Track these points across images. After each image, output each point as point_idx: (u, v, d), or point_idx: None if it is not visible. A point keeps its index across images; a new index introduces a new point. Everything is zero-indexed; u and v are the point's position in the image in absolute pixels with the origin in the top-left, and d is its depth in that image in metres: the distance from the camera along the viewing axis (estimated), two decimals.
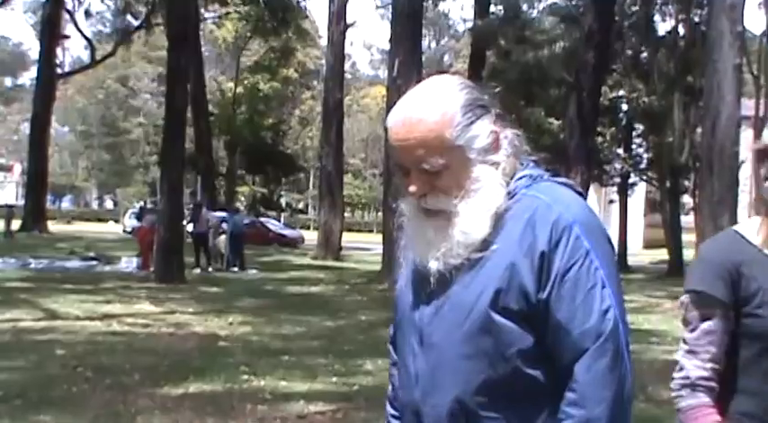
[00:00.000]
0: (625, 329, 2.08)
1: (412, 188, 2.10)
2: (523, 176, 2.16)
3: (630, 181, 41.48)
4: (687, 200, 38.76)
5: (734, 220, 19.32)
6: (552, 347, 2.05)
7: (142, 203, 55.23)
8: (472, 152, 2.10)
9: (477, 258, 2.08)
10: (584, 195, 2.26)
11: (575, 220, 2.08)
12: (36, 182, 45.25)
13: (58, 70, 51.91)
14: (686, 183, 36.46)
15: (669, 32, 35.55)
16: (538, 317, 2.04)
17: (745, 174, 32.26)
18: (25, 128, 73.63)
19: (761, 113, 34.64)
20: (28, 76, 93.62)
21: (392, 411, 2.42)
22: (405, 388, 2.22)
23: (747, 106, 31.92)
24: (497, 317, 2.04)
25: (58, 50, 51.89)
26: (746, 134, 29.92)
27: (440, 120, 2.06)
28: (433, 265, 2.10)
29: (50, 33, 46.60)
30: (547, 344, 2.05)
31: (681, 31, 35.01)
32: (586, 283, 2.05)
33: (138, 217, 44.10)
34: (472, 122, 2.09)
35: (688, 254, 29.73)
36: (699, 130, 26.93)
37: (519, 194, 2.13)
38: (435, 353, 2.11)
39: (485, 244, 2.08)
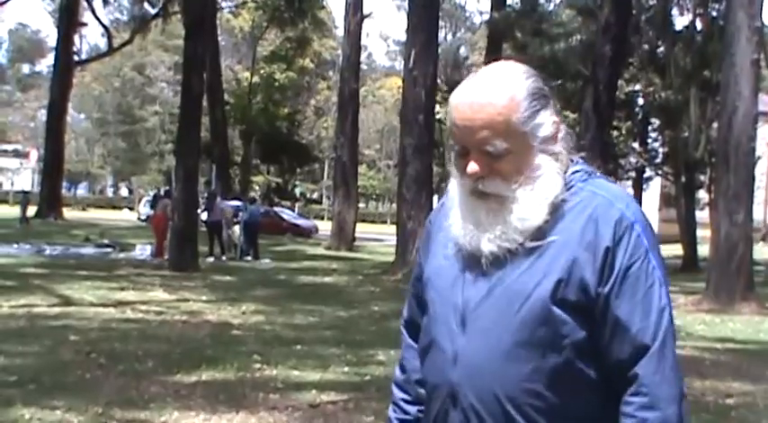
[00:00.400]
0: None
1: (471, 168, 2.09)
2: (578, 171, 2.19)
3: (646, 175, 41.41)
4: (702, 195, 38.60)
5: (749, 216, 19.27)
6: (608, 342, 2.08)
7: (156, 191, 55.20)
8: (535, 140, 2.11)
9: (535, 247, 2.09)
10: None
11: (636, 219, 2.12)
12: (52, 169, 45.43)
13: (75, 58, 52.05)
14: (701, 178, 36.31)
15: (686, 27, 35.36)
16: (594, 311, 2.07)
17: (762, 169, 32.21)
18: (42, 115, 73.95)
19: None
20: (45, 64, 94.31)
21: (402, 395, 2.43)
22: (438, 370, 2.17)
23: (765, 102, 31.78)
24: (555, 307, 2.05)
25: (76, 38, 52.03)
26: (763, 130, 29.81)
27: (508, 104, 2.07)
28: (486, 248, 2.10)
29: (68, 21, 46.75)
30: (600, 338, 2.08)
31: (698, 25, 34.82)
32: (646, 282, 2.09)
33: (153, 205, 44.18)
34: (537, 111, 2.11)
35: (702, 249, 29.64)
36: (715, 125, 26.82)
37: (575, 188, 2.15)
38: (482, 336, 2.09)
39: (541, 233, 2.09)
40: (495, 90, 2.08)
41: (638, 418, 2.03)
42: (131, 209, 68.79)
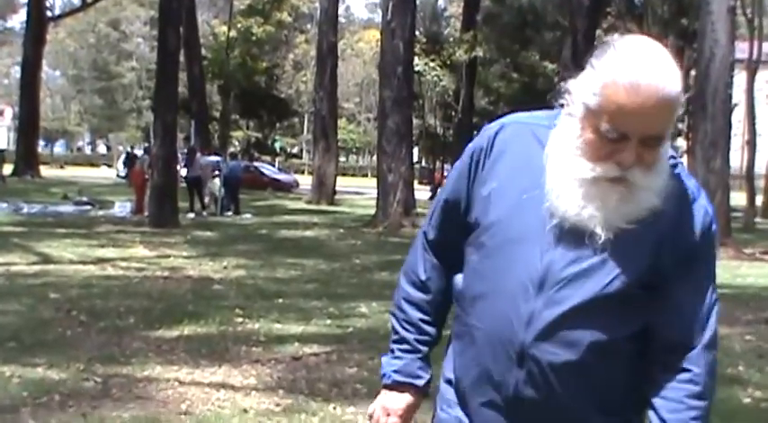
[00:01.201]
0: None
1: (630, 157, 2.01)
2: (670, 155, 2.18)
3: None
4: (681, 143, 38.78)
5: (726, 163, 19.39)
6: (661, 323, 2.16)
7: (129, 149, 54.89)
8: (666, 139, 2.09)
9: (631, 229, 2.09)
10: None
11: (713, 217, 2.19)
12: (27, 126, 45.12)
13: (49, 13, 51.51)
14: (680, 126, 36.44)
15: None
16: (662, 292, 2.14)
17: (738, 117, 32.30)
18: (16, 72, 73.35)
19: (754, 56, 34.48)
20: (17, 20, 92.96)
21: (421, 315, 2.41)
22: (504, 323, 2.15)
23: (741, 49, 31.76)
24: (639, 288, 2.11)
25: None
26: (740, 77, 29.88)
27: (677, 97, 2.01)
28: (601, 231, 2.07)
29: None
30: (660, 320, 2.16)
31: None
32: (709, 275, 2.20)
33: (126, 163, 43.99)
34: None
35: None
36: (692, 72, 26.87)
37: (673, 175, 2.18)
38: (562, 303, 2.10)
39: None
40: (670, 77, 1.99)
41: (687, 406, 2.14)
42: (110, 166, 68.53)
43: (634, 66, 1.98)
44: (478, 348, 2.21)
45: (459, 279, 2.33)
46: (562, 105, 2.13)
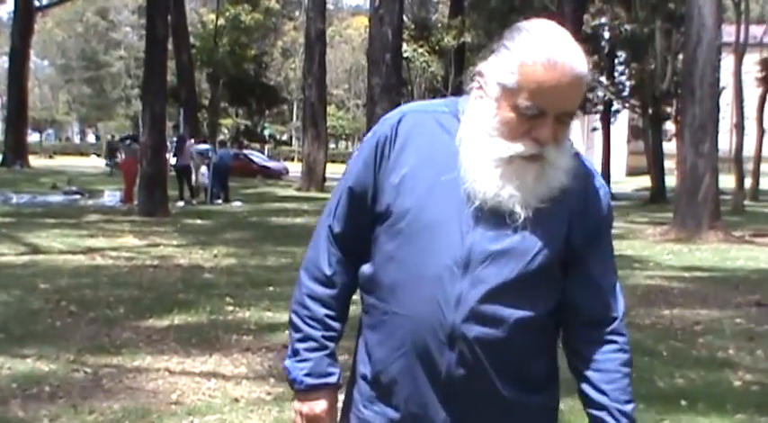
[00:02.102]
0: None
1: (548, 133, 2.08)
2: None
3: (613, 109, 41.52)
4: (670, 126, 38.83)
5: (715, 146, 19.42)
6: (582, 299, 2.26)
7: (109, 138, 54.60)
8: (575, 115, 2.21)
9: (542, 207, 2.15)
10: None
11: (608, 191, 2.34)
12: (16, 116, 44.97)
13: (36, 3, 51.19)
14: (668, 109, 36.50)
15: None
16: (577, 267, 2.25)
17: (726, 100, 32.34)
18: (4, 62, 72.93)
19: (741, 39, 34.50)
20: (5, 10, 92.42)
21: (326, 311, 2.36)
22: (430, 307, 2.14)
23: (728, 32, 31.77)
24: (558, 264, 2.21)
25: None
26: (727, 60, 29.90)
27: (586, 74, 2.11)
28: (520, 210, 2.12)
29: None
30: (574, 293, 2.26)
31: None
32: (612, 249, 2.35)
33: (109, 154, 43.83)
34: None
35: (671, 181, 29.84)
36: (680, 56, 26.89)
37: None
38: (488, 282, 2.13)
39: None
40: (584, 63, 2.09)
41: (623, 373, 2.25)
42: (99, 155, 68.30)
43: (550, 45, 2.06)
44: (403, 336, 2.19)
45: (367, 269, 2.30)
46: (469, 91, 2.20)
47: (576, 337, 2.28)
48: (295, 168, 46.77)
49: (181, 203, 25.71)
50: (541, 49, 2.05)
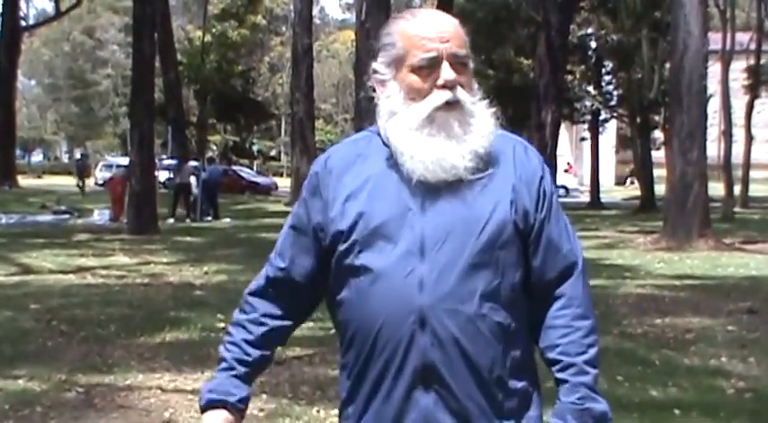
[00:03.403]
0: None
1: (449, 74, 2.22)
2: None
3: (601, 118, 41.60)
4: (658, 135, 38.93)
5: (703, 154, 19.46)
6: (540, 264, 2.30)
7: (78, 155, 54.36)
8: (470, 64, 2.29)
9: (478, 178, 2.23)
10: None
11: (536, 151, 2.38)
12: (4, 136, 44.84)
13: (23, 23, 51.21)
14: (656, 118, 36.59)
15: None
16: (531, 236, 2.28)
17: (714, 107, 32.46)
18: None
19: (728, 47, 34.65)
20: None
21: (244, 335, 2.41)
22: (396, 299, 2.18)
23: (714, 40, 31.93)
24: (511, 230, 2.24)
25: (22, 3, 51.19)
26: (714, 68, 30.01)
27: (459, 26, 2.30)
28: (460, 163, 2.20)
29: None
30: (533, 260, 2.30)
31: None
32: (561, 211, 2.36)
33: (80, 171, 43.71)
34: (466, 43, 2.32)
35: (660, 189, 29.92)
36: (667, 65, 26.98)
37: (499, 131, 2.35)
38: (446, 261, 2.18)
39: (480, 166, 2.24)
40: (447, 16, 2.30)
41: (575, 327, 2.26)
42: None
43: (414, 11, 2.32)
44: (378, 336, 2.21)
45: (335, 296, 2.33)
46: (373, 99, 2.37)
47: (536, 304, 2.30)
48: (284, 183, 46.78)
49: (171, 220, 25.66)
50: (406, 15, 2.31)
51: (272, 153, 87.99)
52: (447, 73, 2.21)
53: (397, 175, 2.24)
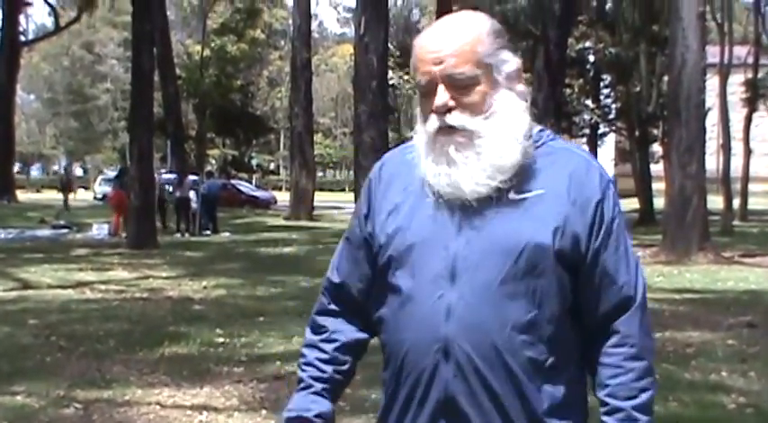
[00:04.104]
0: None
1: (440, 99, 2.10)
2: (544, 130, 2.23)
3: (600, 132, 41.69)
4: (656, 148, 38.95)
5: (702, 168, 19.48)
6: (594, 296, 2.15)
7: (63, 171, 54.34)
8: (500, 74, 2.13)
9: (521, 199, 2.11)
10: None
11: (610, 179, 2.20)
12: (3, 151, 44.87)
13: (22, 38, 51.31)
14: (655, 131, 36.62)
15: None
16: (583, 266, 2.13)
17: (712, 120, 32.49)
18: None
19: (725, 60, 34.70)
20: None
21: (317, 354, 2.37)
22: (423, 326, 2.11)
23: (712, 53, 31.97)
24: (551, 258, 2.08)
25: (21, 18, 51.28)
26: (712, 81, 30.06)
27: (474, 36, 2.12)
28: (467, 187, 2.09)
29: (12, 1, 45.98)
30: (585, 292, 2.15)
31: None
32: (623, 238, 2.18)
33: (63, 185, 43.65)
34: (500, 47, 2.15)
35: (659, 202, 29.90)
36: (665, 78, 27.01)
37: (547, 146, 2.19)
38: (477, 289, 2.07)
39: (524, 186, 2.12)
40: (459, 26, 2.14)
41: (626, 368, 2.12)
42: (86, 188, 68.18)
43: (431, 28, 2.19)
44: (404, 362, 2.17)
45: (376, 312, 2.28)
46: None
47: (589, 340, 2.17)
48: (283, 197, 46.77)
49: (178, 235, 25.82)
50: (423, 33, 2.18)
51: (271, 167, 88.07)
52: (438, 97, 2.10)
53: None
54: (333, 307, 2.39)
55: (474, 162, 2.09)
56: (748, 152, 37.09)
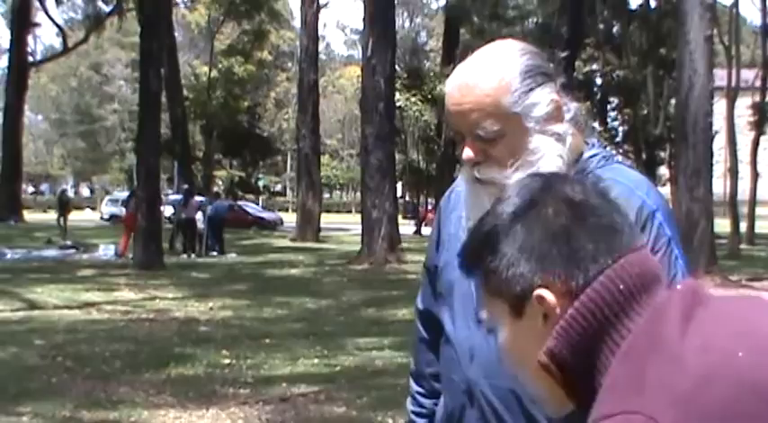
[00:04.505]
0: None
1: (466, 155, 1.99)
2: (595, 155, 2.08)
3: None
4: (663, 171, 38.96)
5: (709, 191, 19.46)
6: None
7: (60, 192, 54.24)
8: (530, 121, 1.98)
9: None
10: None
11: (657, 208, 2.03)
12: (10, 171, 45.01)
13: (30, 58, 51.54)
14: (662, 154, 36.64)
15: (641, 5, 35.61)
16: None
17: (720, 144, 32.50)
18: None
19: (733, 84, 34.73)
20: None
21: (417, 388, 2.40)
22: (455, 365, 2.11)
23: (720, 76, 32.01)
24: None
25: (29, 39, 51.53)
26: (720, 105, 30.08)
27: (496, 85, 1.96)
28: None
29: (20, 22, 46.25)
30: None
31: (652, 3, 35.04)
32: (669, 273, 1.99)
33: (60, 207, 43.64)
34: (531, 89, 1.98)
35: None
36: (673, 101, 27.05)
37: (592, 176, 2.00)
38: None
39: None
40: (483, 71, 1.99)
41: None
42: (93, 209, 68.30)
43: (456, 70, 2.04)
44: (446, 397, 2.20)
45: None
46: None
47: None
48: (290, 219, 46.78)
49: (183, 256, 25.86)
50: (451, 76, 2.05)
51: (278, 188, 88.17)
52: (465, 152, 2.00)
53: None
54: (424, 334, 2.39)
55: None
56: (756, 175, 37.06)
